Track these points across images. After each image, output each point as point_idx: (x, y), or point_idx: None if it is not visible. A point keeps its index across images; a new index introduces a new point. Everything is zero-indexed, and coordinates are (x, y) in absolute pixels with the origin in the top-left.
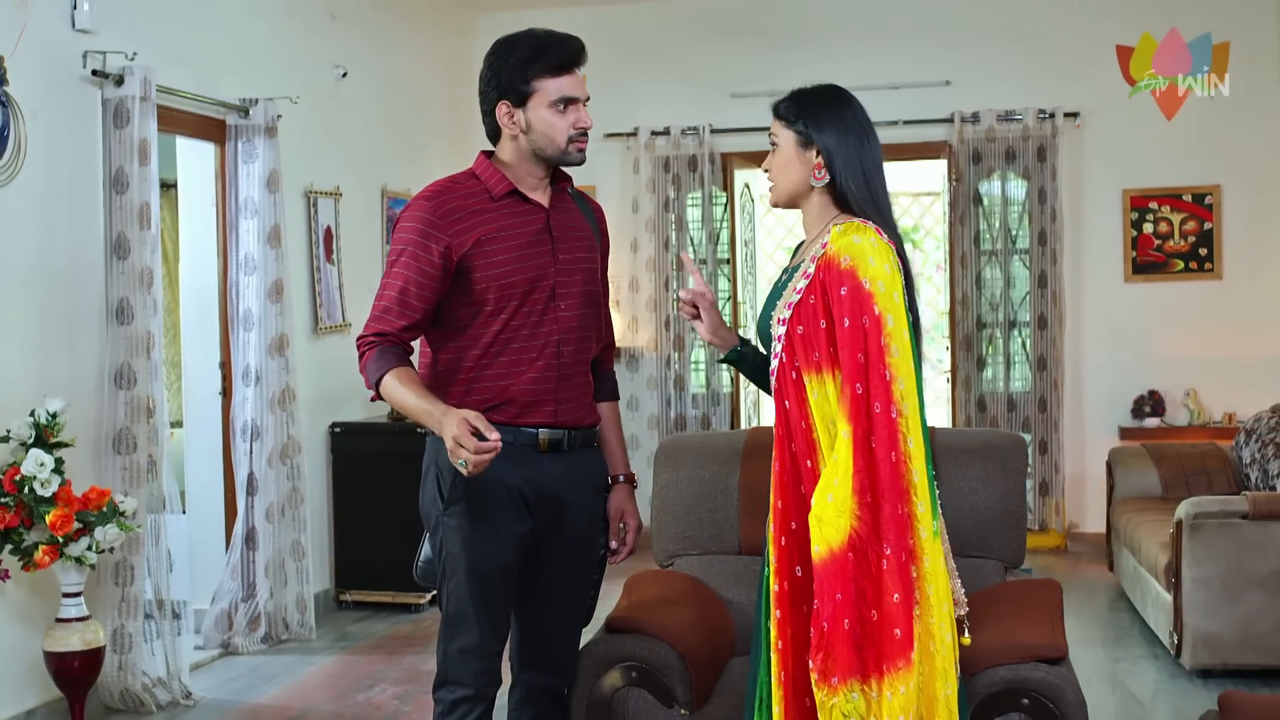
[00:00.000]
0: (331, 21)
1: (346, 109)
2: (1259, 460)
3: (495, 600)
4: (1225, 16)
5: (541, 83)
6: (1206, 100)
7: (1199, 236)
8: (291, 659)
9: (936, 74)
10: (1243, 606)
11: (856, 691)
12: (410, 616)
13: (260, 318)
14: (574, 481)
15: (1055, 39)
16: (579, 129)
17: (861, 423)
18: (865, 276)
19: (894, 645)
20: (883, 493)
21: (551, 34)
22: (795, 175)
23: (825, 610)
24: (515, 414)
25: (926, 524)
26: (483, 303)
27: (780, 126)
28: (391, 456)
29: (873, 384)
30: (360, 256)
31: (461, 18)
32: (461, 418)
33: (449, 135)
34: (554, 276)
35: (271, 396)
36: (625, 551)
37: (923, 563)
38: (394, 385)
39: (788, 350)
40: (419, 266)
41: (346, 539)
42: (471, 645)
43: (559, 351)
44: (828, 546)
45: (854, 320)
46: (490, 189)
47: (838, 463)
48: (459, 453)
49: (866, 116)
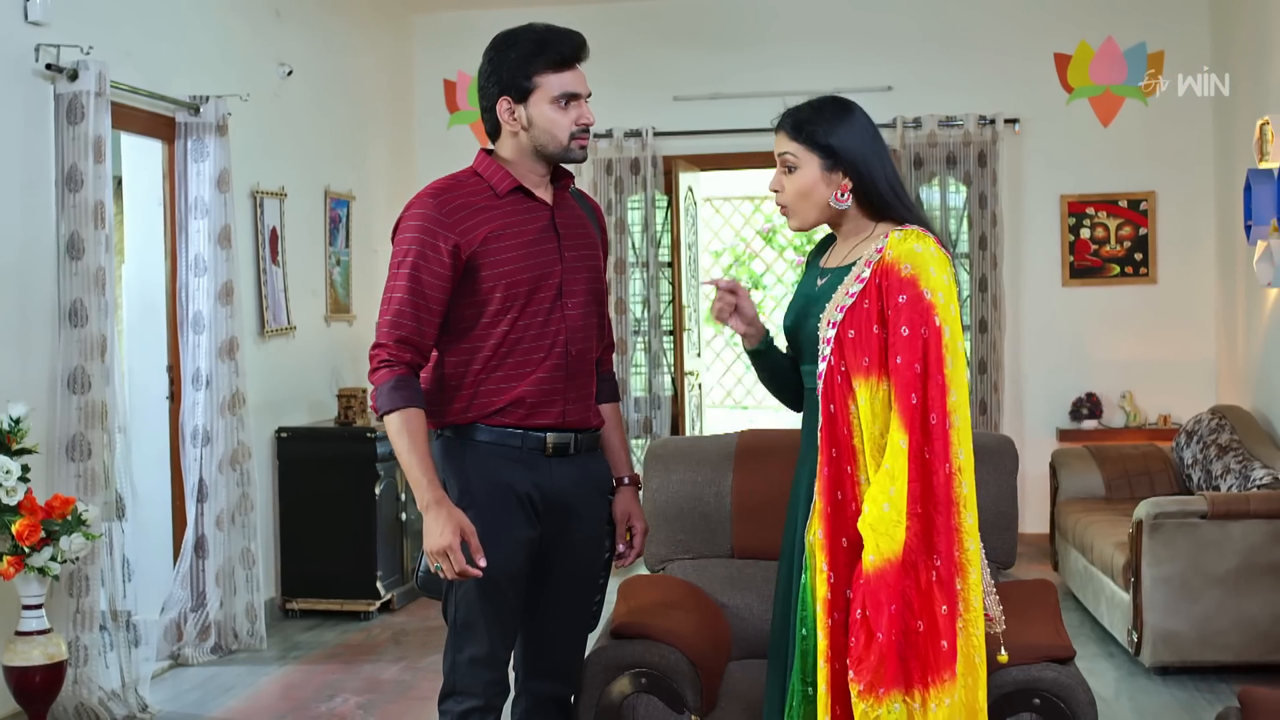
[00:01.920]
0: (276, 19)
1: (291, 108)
2: (1201, 461)
3: (505, 608)
4: (1159, 27)
5: (544, 78)
6: (1142, 107)
7: (1134, 242)
8: (244, 669)
9: (878, 79)
10: (1201, 604)
11: (899, 703)
12: (360, 624)
13: (211, 320)
14: (581, 487)
15: (995, 46)
16: (581, 125)
17: (916, 433)
18: (926, 286)
19: (940, 657)
20: (935, 504)
21: (553, 29)
22: (819, 199)
23: (878, 620)
24: (524, 416)
25: (974, 536)
26: (488, 302)
27: (800, 148)
28: (338, 462)
29: (930, 395)
30: (304, 258)
31: (401, 18)
32: (458, 525)
33: (390, 136)
34: (560, 274)
35: (222, 401)
36: (633, 555)
37: (968, 575)
38: (401, 431)
39: (837, 353)
40: (430, 267)
41: (293, 546)
42: (481, 654)
43: (567, 351)
44: (883, 556)
45: (913, 330)
46: (494, 186)
47: (893, 472)
48: (442, 560)
49: (874, 123)
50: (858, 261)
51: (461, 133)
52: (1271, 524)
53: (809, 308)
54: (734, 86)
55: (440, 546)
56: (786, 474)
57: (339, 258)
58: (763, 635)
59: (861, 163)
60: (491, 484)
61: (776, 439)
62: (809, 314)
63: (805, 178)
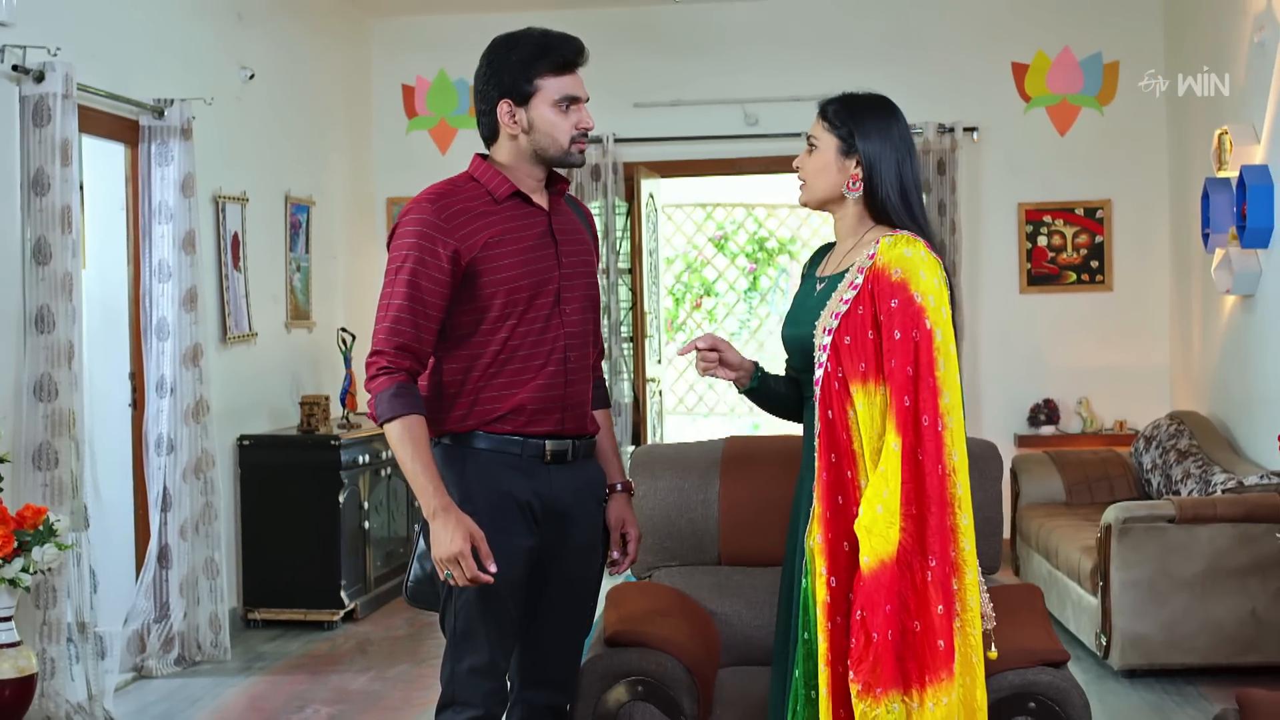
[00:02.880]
0: (239, 22)
1: (253, 112)
2: (1161, 466)
3: (505, 617)
4: (1115, 38)
5: (545, 81)
6: (1098, 116)
7: (1090, 249)
8: (209, 681)
9: (838, 87)
10: (1169, 608)
11: (898, 702)
12: (324, 634)
13: (175, 326)
14: (579, 494)
15: (954, 55)
16: (581, 129)
17: (909, 435)
18: (917, 290)
19: (937, 657)
20: (929, 505)
21: (552, 32)
22: (831, 181)
23: (874, 621)
24: (524, 423)
25: (969, 536)
26: (487, 309)
27: (823, 130)
28: (301, 470)
29: (922, 397)
30: (265, 264)
31: (359, 23)
32: (468, 531)
33: (349, 141)
34: (559, 280)
35: (186, 408)
36: (627, 562)
37: (964, 574)
38: (404, 438)
39: (833, 360)
40: (429, 273)
41: (255, 555)
42: (481, 664)
43: (565, 358)
44: (877, 557)
45: (905, 333)
46: (492, 191)
47: (886, 474)
48: (453, 567)
49: (909, 132)
50: (851, 268)
51: (420, 139)
52: (1237, 528)
53: (804, 315)
54: (694, 93)
55: (451, 553)
56: (774, 481)
57: (299, 264)
58: (751, 642)
59: (874, 157)
60: (492, 492)
61: (763, 446)
62: (803, 321)
63: (822, 157)
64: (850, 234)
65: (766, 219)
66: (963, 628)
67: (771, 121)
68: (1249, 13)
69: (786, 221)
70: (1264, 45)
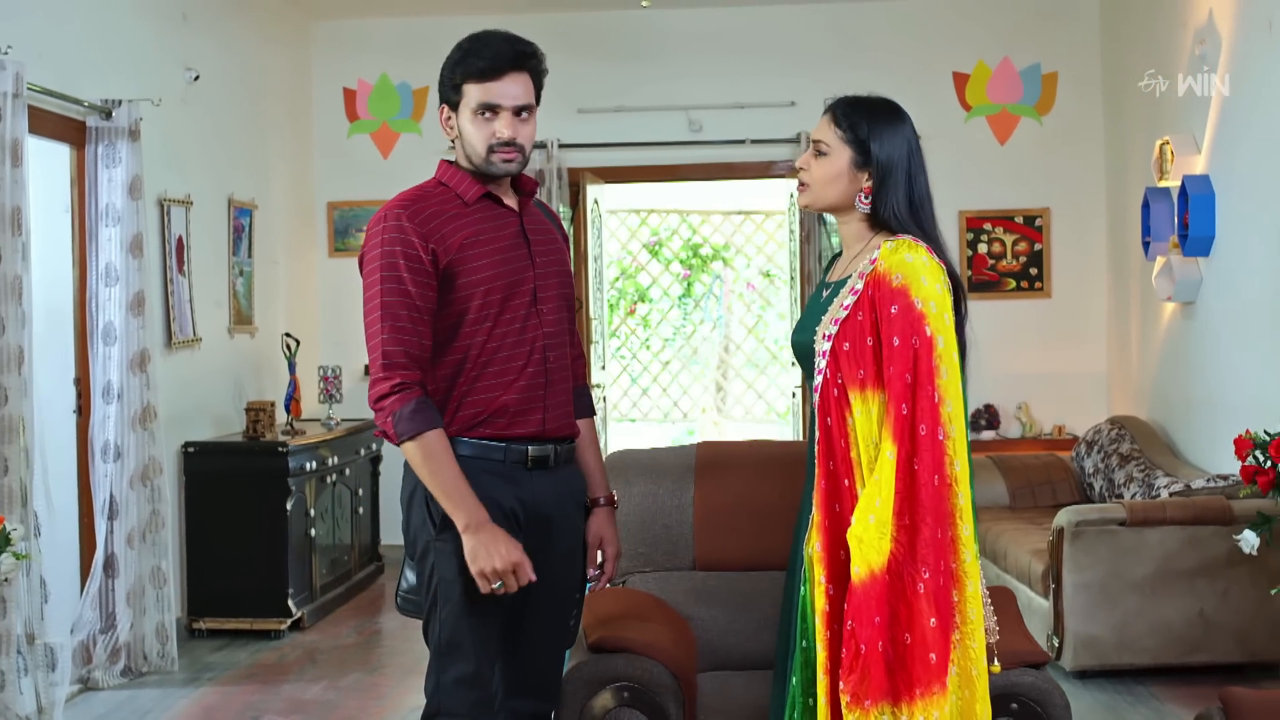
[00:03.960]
0: (184, 23)
1: (198, 114)
2: (1103, 470)
3: (490, 626)
4: (1053, 49)
5: (468, 87)
6: (1037, 126)
7: (1029, 256)
8: (158, 692)
9: (781, 95)
10: (1120, 609)
11: (887, 714)
12: (272, 644)
13: (122, 331)
14: (560, 499)
15: (896, 64)
16: (498, 139)
17: (905, 444)
18: (918, 296)
19: (928, 670)
20: (922, 515)
21: (489, 34)
22: (840, 191)
23: (863, 632)
24: (506, 425)
25: (970, 548)
26: (466, 311)
27: (835, 137)
28: (247, 477)
29: (920, 405)
30: (209, 268)
31: (300, 25)
32: (517, 544)
33: (290, 145)
34: (534, 280)
35: (133, 415)
36: (604, 580)
37: (966, 586)
38: (432, 454)
39: (832, 366)
40: (417, 278)
41: (200, 564)
42: (467, 674)
43: (545, 357)
44: (868, 567)
45: (904, 340)
46: (461, 194)
47: (880, 483)
48: (507, 577)
49: (918, 140)
50: (853, 274)
51: (362, 142)
52: (1186, 530)
53: (809, 320)
54: (637, 100)
55: (512, 562)
56: (748, 486)
57: (242, 268)
58: (727, 647)
59: (887, 170)
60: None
61: (736, 451)
62: (807, 327)
63: (833, 166)
64: (857, 239)
65: (701, 225)
66: (962, 640)
67: (715, 128)
68: (1189, 25)
69: (720, 228)
70: (1205, 57)
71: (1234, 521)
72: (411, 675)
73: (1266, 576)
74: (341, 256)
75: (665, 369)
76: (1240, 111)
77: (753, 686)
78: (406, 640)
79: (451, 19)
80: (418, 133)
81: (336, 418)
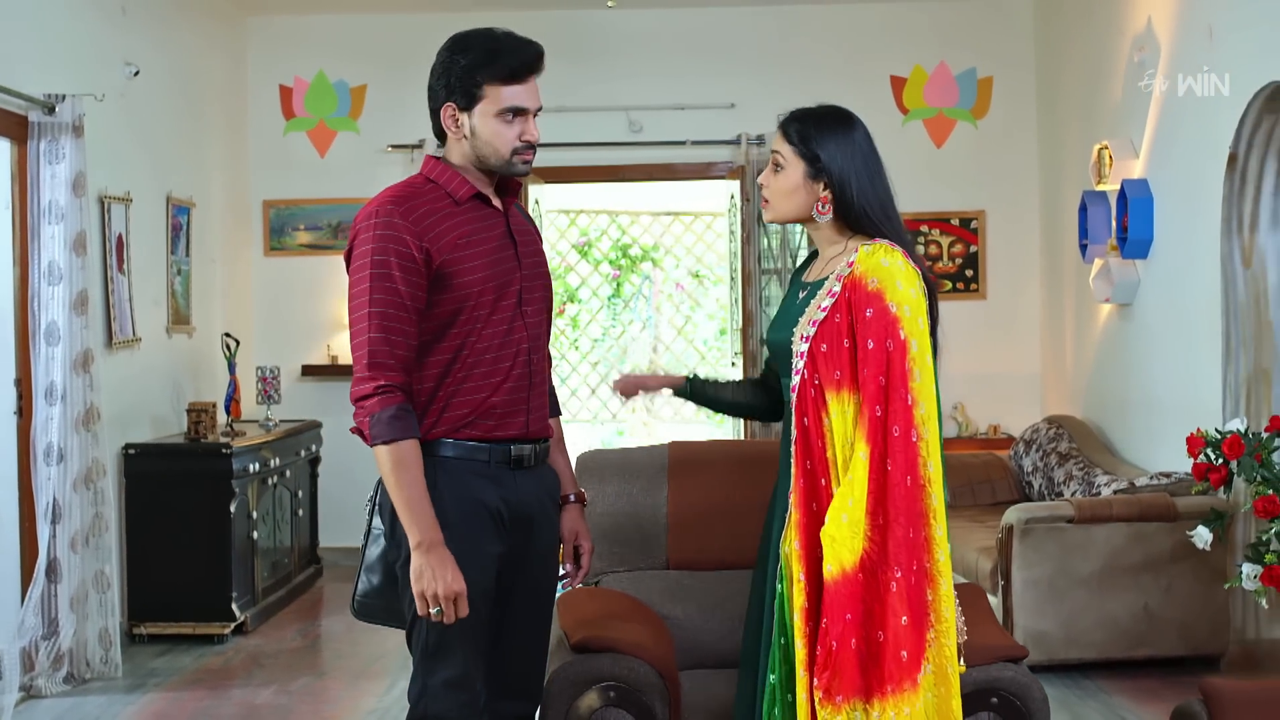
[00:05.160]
0: (123, 16)
1: (137, 109)
2: (1042, 469)
3: (477, 628)
4: (989, 54)
5: (492, 89)
6: (972, 130)
7: (965, 259)
8: (104, 699)
9: (722, 97)
10: (1068, 605)
11: (859, 711)
12: (215, 648)
13: (66, 331)
14: (541, 499)
15: (835, 67)
16: (525, 141)
17: (878, 445)
18: (892, 300)
19: (899, 667)
20: (895, 516)
21: (510, 37)
22: (799, 203)
23: (834, 629)
24: (493, 427)
25: (943, 547)
26: (456, 312)
27: (790, 151)
28: (190, 479)
29: (893, 407)
30: (148, 267)
31: (236, 20)
32: (460, 575)
33: (226, 142)
34: (520, 281)
35: (76, 416)
36: (580, 575)
37: (940, 585)
38: (402, 463)
39: (809, 367)
40: (409, 278)
41: (140, 568)
42: (455, 677)
43: (529, 359)
44: (840, 566)
45: (878, 343)
46: (452, 193)
47: (854, 483)
48: (446, 604)
49: (873, 143)
50: (830, 276)
51: (298, 140)
52: (1132, 527)
53: (789, 322)
54: (579, 100)
55: (454, 591)
56: (721, 485)
57: (180, 267)
58: (702, 645)
59: (843, 177)
60: (463, 500)
61: (707, 450)
62: (784, 327)
63: (789, 180)
64: (830, 243)
65: (630, 226)
66: (937, 639)
67: (656, 129)
68: (1127, 33)
69: (650, 229)
70: (1144, 64)
71: (1178, 518)
72: (361, 679)
73: (1209, 571)
74: (277, 255)
75: (595, 370)
76: (1179, 117)
77: (733, 684)
78: (351, 644)
79: (389, 16)
80: (355, 131)
81: (275, 419)
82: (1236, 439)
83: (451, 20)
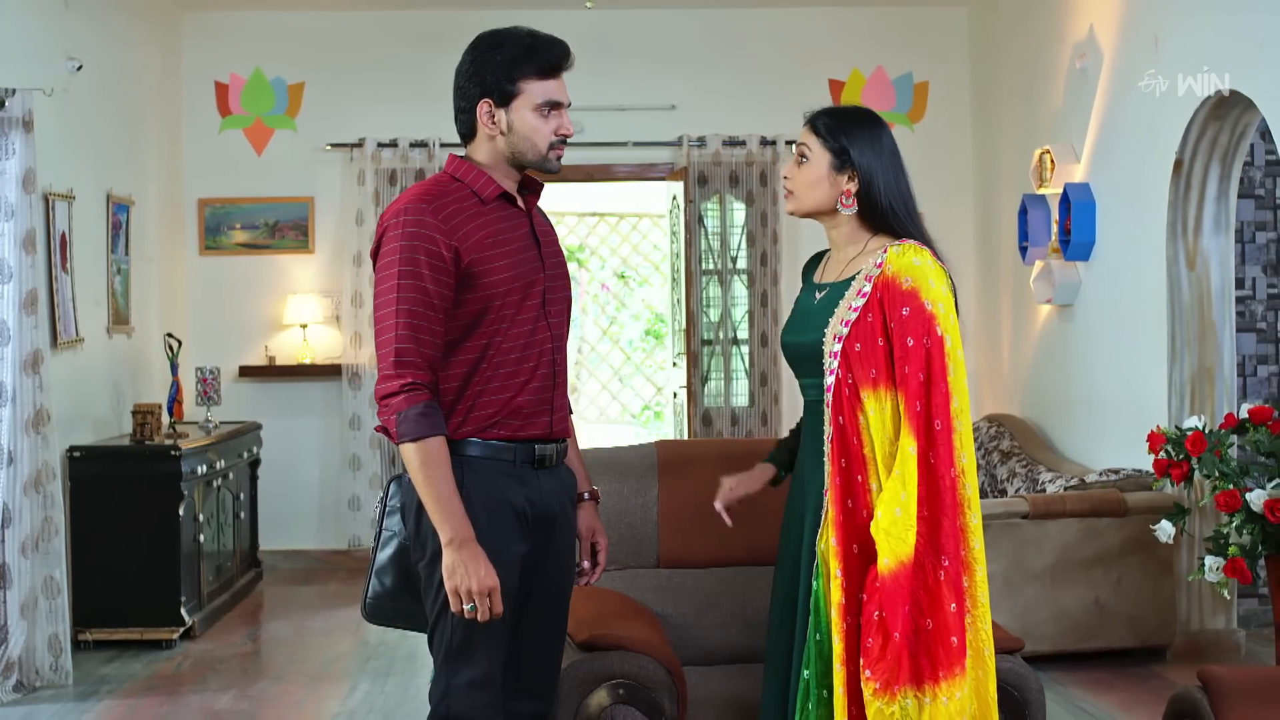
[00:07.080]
0: (65, 10)
1: (80, 105)
2: (984, 466)
3: (501, 628)
4: (925, 58)
5: (529, 84)
6: (909, 134)
7: None
8: (57, 707)
9: (663, 98)
10: (1022, 599)
11: (910, 698)
12: (164, 654)
13: (15, 331)
14: (562, 499)
15: (775, 70)
16: (561, 135)
17: (923, 439)
18: (927, 298)
19: (949, 653)
20: (942, 508)
21: (540, 34)
22: (823, 195)
23: (894, 621)
24: (519, 427)
25: (978, 535)
26: (483, 312)
27: (816, 144)
28: (137, 482)
29: (934, 402)
30: (89, 266)
31: (171, 15)
32: (494, 571)
33: (163, 139)
34: (544, 282)
35: (26, 418)
36: (598, 572)
37: (975, 572)
38: (430, 461)
39: (844, 367)
40: (438, 276)
41: (86, 573)
42: (479, 677)
43: (553, 360)
44: (896, 558)
45: (917, 340)
46: (478, 191)
47: (904, 477)
48: (481, 600)
49: (897, 145)
50: (857, 276)
51: (234, 138)
52: (1084, 522)
53: (808, 322)
54: None
55: (489, 586)
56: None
57: (120, 266)
58: (696, 642)
59: (869, 172)
60: (491, 500)
61: (695, 449)
62: (808, 328)
63: (814, 171)
64: (848, 242)
65: (556, 225)
66: (974, 623)
67: (596, 130)
68: (1067, 39)
69: (575, 229)
70: (1086, 71)
71: (1128, 513)
72: (320, 682)
73: (1157, 565)
74: (213, 255)
75: None
76: (1122, 123)
77: (730, 680)
78: (303, 647)
79: (327, 13)
80: (293, 129)
81: (215, 420)
82: (1199, 435)
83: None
